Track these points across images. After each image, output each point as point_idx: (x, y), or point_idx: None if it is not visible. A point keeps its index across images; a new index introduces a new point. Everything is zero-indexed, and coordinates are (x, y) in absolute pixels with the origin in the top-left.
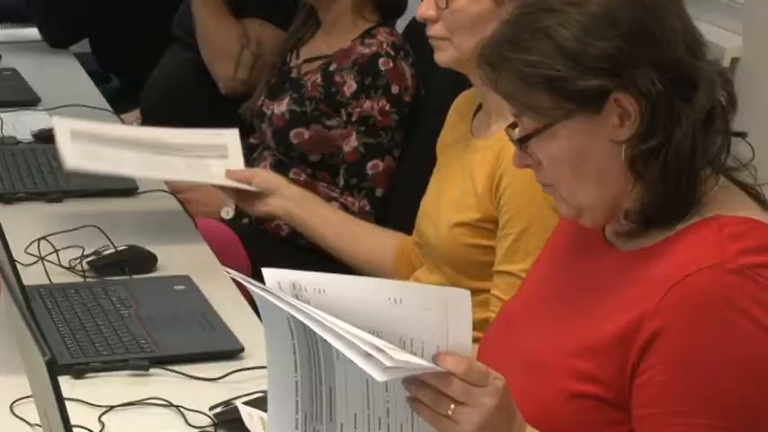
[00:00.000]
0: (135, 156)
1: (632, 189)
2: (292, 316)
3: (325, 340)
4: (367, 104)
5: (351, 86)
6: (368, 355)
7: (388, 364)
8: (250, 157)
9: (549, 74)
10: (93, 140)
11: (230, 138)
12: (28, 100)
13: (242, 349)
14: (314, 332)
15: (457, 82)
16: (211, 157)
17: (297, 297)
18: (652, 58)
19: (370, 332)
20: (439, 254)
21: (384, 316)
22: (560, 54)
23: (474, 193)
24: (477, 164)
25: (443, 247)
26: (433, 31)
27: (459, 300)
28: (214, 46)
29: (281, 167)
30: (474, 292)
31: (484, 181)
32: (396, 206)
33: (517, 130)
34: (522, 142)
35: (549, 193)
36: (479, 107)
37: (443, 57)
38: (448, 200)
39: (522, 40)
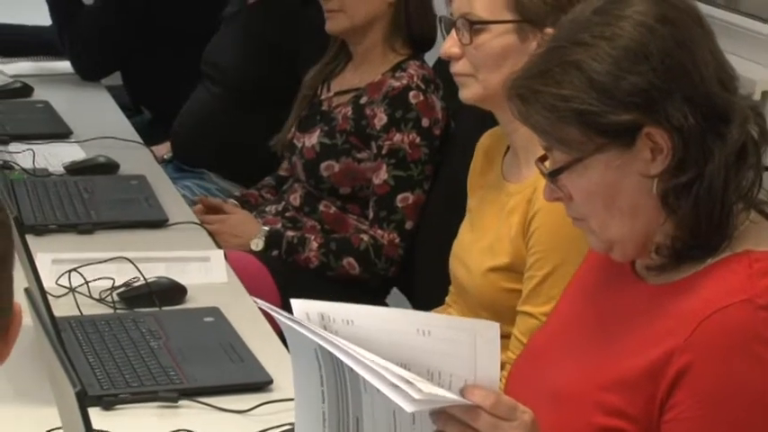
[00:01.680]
0: None
1: (664, 223)
2: (320, 346)
3: (352, 371)
4: (397, 137)
5: (381, 119)
6: (396, 387)
7: (417, 396)
8: (279, 190)
9: (581, 108)
10: None
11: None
12: (60, 132)
13: (271, 381)
14: (341, 363)
15: (487, 115)
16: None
17: (325, 328)
18: (684, 93)
19: (398, 364)
20: (473, 298)
21: (412, 348)
22: (592, 88)
23: (508, 238)
24: (510, 209)
25: (478, 291)
26: (458, 67)
27: (488, 333)
28: None
29: (311, 200)
30: (508, 335)
31: (517, 226)
32: (425, 239)
33: (547, 164)
34: (552, 176)
35: (580, 226)
36: (508, 148)
37: (468, 93)
38: (481, 245)
39: (553, 74)
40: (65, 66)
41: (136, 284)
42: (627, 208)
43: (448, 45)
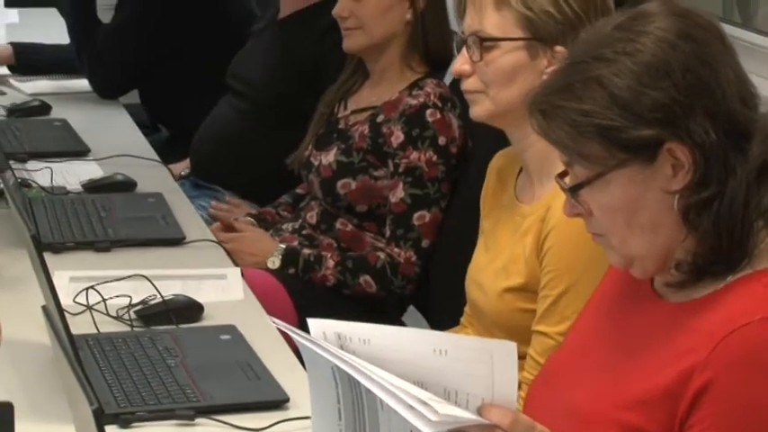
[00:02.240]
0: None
1: (684, 240)
2: (337, 366)
3: (369, 390)
4: (414, 155)
5: (398, 137)
6: (413, 408)
7: (433, 418)
8: (296, 207)
9: (602, 123)
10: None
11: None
12: (78, 150)
13: (287, 399)
14: (358, 382)
15: (503, 134)
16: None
17: (342, 347)
18: (706, 109)
19: (414, 383)
20: (489, 319)
21: (429, 367)
22: (613, 103)
23: (522, 258)
24: (524, 230)
25: (493, 312)
26: (468, 84)
27: (505, 352)
28: None
29: (327, 217)
30: (524, 356)
31: (531, 245)
32: (442, 257)
33: (567, 179)
34: (573, 191)
35: (600, 242)
36: (521, 168)
37: (479, 110)
38: (496, 266)
39: (574, 89)
40: (83, 84)
41: (153, 302)
42: (647, 224)
43: (459, 63)
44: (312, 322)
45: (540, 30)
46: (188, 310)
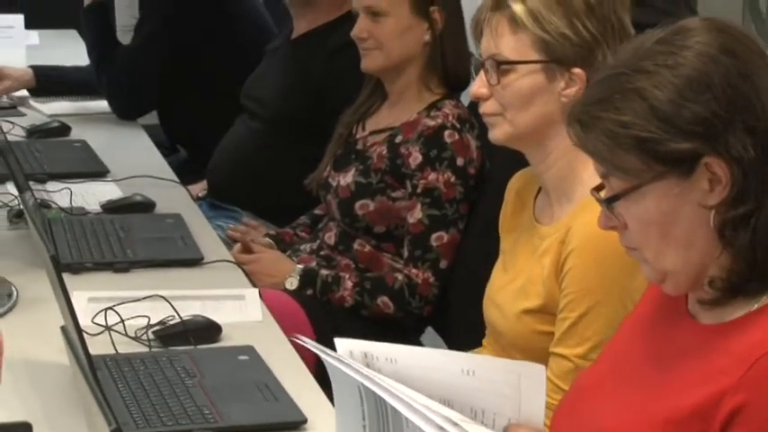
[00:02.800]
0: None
1: (719, 256)
2: (363, 384)
3: (395, 409)
4: (432, 176)
5: (416, 158)
6: (440, 427)
7: None
8: (314, 228)
9: (641, 135)
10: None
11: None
12: (97, 171)
13: (305, 420)
14: (384, 400)
15: (522, 155)
16: None
17: (368, 366)
18: (745, 123)
19: (441, 402)
20: (507, 340)
21: (456, 387)
22: (653, 115)
23: (541, 280)
24: (543, 251)
25: (511, 333)
26: (486, 107)
27: (533, 375)
28: None
29: (345, 238)
30: None
31: (550, 267)
32: (460, 278)
33: (603, 192)
34: (609, 203)
35: (634, 256)
36: (539, 189)
37: (497, 133)
38: (514, 287)
39: (614, 100)
40: (102, 105)
41: (171, 323)
42: (682, 238)
43: (476, 86)
44: (339, 342)
45: (556, 52)
46: (206, 330)
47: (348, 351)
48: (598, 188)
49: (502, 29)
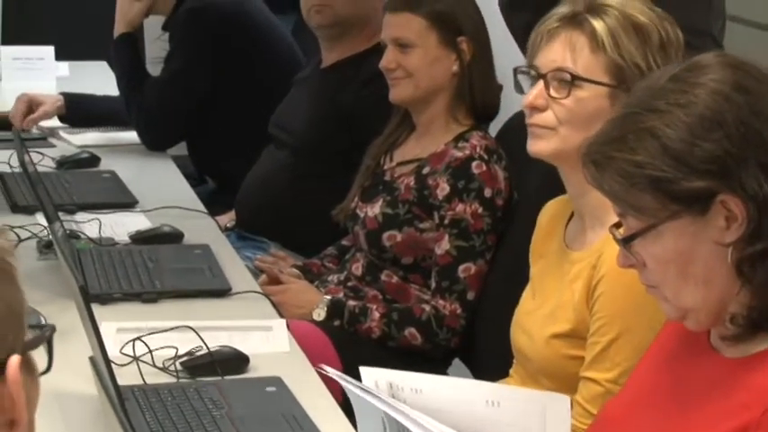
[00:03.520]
0: None
1: (739, 292)
2: (387, 413)
3: None
4: (460, 207)
5: (444, 189)
6: None
7: None
8: (341, 259)
9: (655, 174)
10: None
11: None
12: (126, 202)
13: None
14: (408, 430)
15: (550, 185)
16: None
17: (393, 396)
18: (759, 160)
19: None
20: (535, 365)
21: (481, 417)
22: (666, 155)
23: (571, 304)
24: (574, 276)
25: (540, 358)
26: (540, 119)
27: (559, 406)
28: None
29: (373, 269)
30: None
31: (581, 291)
32: (487, 310)
33: (621, 230)
34: (626, 242)
35: (653, 294)
36: (571, 216)
37: (544, 146)
38: (543, 312)
39: (627, 140)
40: (131, 136)
41: (199, 353)
42: (701, 276)
43: (533, 96)
44: (365, 371)
45: (626, 79)
46: (234, 361)
47: (374, 380)
48: (617, 225)
49: (580, 45)
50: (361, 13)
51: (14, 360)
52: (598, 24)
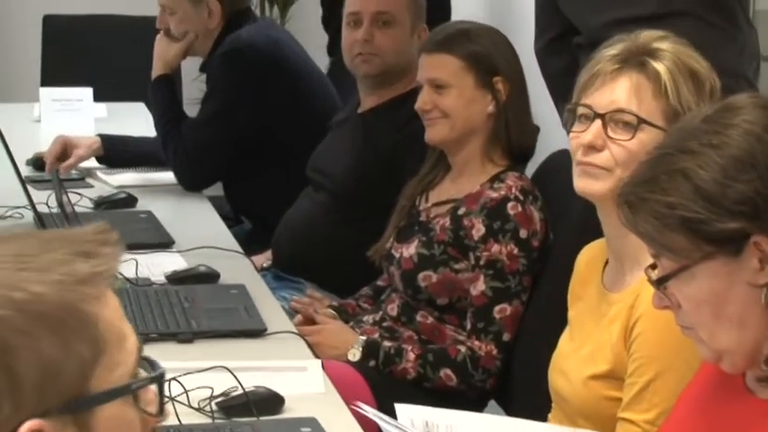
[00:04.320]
0: None
1: None
2: None
3: None
4: (495, 248)
5: (479, 230)
6: None
7: None
8: (377, 299)
9: (688, 216)
10: None
11: None
12: (162, 242)
13: None
14: None
15: (586, 227)
16: None
17: None
18: None
19: None
20: (573, 407)
21: None
22: (699, 196)
23: (609, 345)
24: (612, 317)
25: (578, 400)
26: (598, 159)
27: None
28: None
29: (408, 310)
30: None
31: (619, 332)
32: (523, 351)
33: (656, 271)
34: (660, 283)
35: (689, 335)
36: (607, 261)
37: (599, 186)
38: (581, 353)
39: (660, 181)
40: (168, 176)
41: (234, 394)
42: (735, 317)
43: (593, 136)
44: (400, 408)
45: None
46: (269, 402)
47: (409, 418)
48: (652, 266)
49: (645, 88)
50: (404, 60)
51: (24, 428)
52: (660, 68)
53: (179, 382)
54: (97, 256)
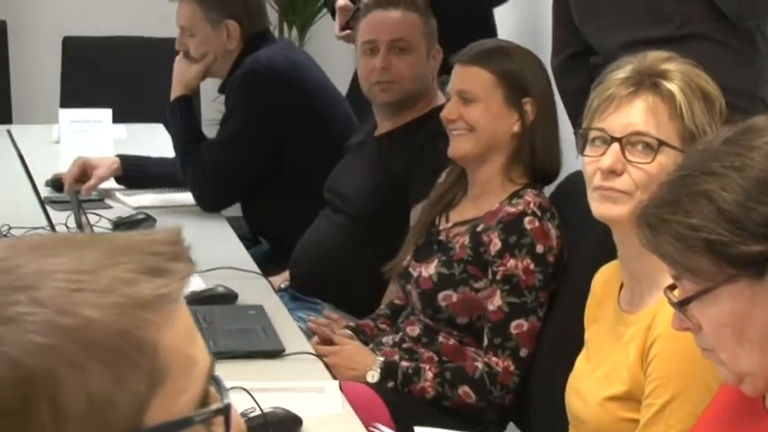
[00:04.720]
0: None
1: None
2: None
3: None
4: (511, 263)
5: (496, 245)
6: None
7: None
8: (395, 319)
9: (710, 238)
10: None
11: None
12: None
13: None
14: None
15: (602, 249)
16: None
17: None
18: None
19: None
20: (590, 429)
21: None
22: (722, 218)
23: (626, 366)
24: (629, 338)
25: (594, 421)
26: (618, 183)
27: None
28: None
29: (429, 331)
30: None
31: (636, 353)
32: (540, 367)
33: (676, 293)
34: (681, 305)
35: (709, 357)
36: (623, 283)
37: (619, 210)
38: (598, 375)
39: (682, 203)
40: (186, 197)
41: (252, 415)
42: (757, 340)
43: (613, 161)
44: (419, 431)
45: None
46: (286, 423)
47: None
48: (672, 287)
49: (661, 110)
50: (422, 85)
51: None
52: (674, 88)
53: None
54: (165, 273)
